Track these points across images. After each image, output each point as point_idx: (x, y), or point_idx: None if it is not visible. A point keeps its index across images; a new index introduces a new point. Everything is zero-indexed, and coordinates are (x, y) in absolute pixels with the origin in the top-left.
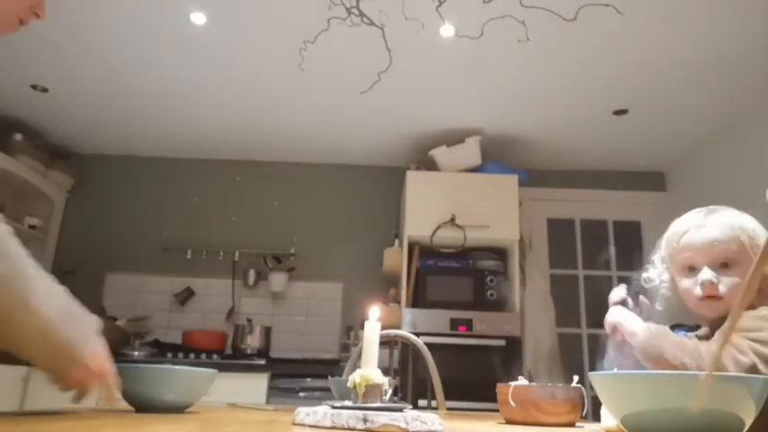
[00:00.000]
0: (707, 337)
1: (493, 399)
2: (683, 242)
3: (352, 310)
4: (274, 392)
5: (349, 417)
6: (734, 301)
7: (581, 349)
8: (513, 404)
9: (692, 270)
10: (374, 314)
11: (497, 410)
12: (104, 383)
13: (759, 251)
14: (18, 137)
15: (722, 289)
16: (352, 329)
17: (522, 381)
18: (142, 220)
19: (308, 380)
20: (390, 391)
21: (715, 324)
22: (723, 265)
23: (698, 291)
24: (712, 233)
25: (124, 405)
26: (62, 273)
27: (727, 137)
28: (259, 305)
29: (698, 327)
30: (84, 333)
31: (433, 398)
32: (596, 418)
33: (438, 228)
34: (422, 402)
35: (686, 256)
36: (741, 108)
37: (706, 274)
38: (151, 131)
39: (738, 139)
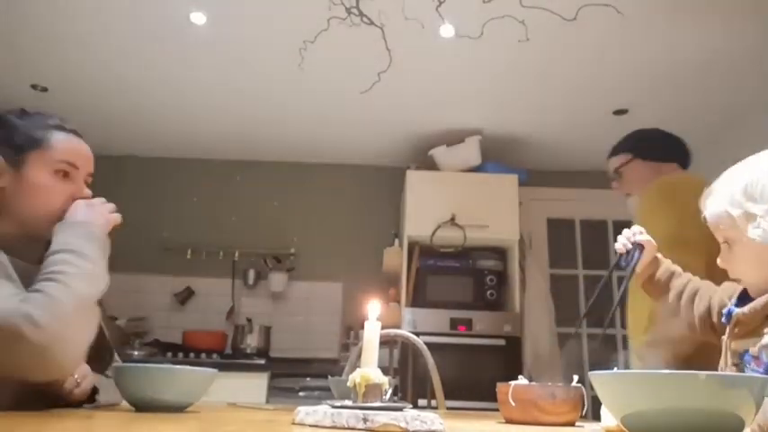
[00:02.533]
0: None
1: (493, 398)
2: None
3: (352, 310)
4: (274, 392)
5: (349, 416)
6: (748, 278)
7: (581, 349)
8: (513, 404)
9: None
10: (374, 310)
11: (497, 410)
12: None
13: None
14: None
15: (733, 273)
16: (352, 329)
17: (522, 381)
18: (142, 220)
19: (308, 380)
20: (390, 391)
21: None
22: (726, 243)
23: None
24: (707, 209)
25: (124, 405)
26: None
27: (727, 137)
28: (259, 305)
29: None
30: None
31: (433, 398)
32: (596, 418)
33: (438, 228)
34: (422, 402)
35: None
36: (741, 108)
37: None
38: (151, 131)
39: (738, 139)
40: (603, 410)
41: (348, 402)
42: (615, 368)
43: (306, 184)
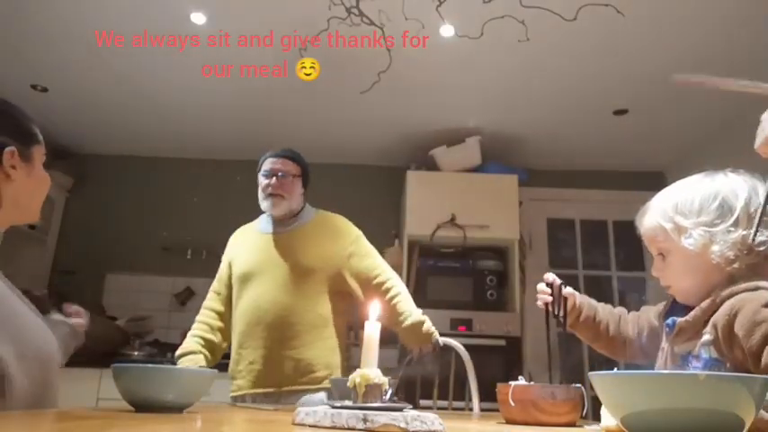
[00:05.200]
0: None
1: (493, 399)
2: None
3: (352, 310)
4: None
5: (349, 417)
6: (680, 285)
7: (581, 349)
8: (513, 404)
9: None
10: (374, 310)
11: (497, 410)
12: None
13: (681, 232)
14: None
15: (665, 281)
16: (351, 329)
17: (521, 381)
18: (142, 220)
19: None
20: (391, 392)
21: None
22: (660, 255)
23: None
24: (643, 224)
25: (124, 405)
26: (62, 273)
27: (727, 136)
28: None
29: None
30: None
31: (455, 399)
32: (596, 418)
33: (438, 228)
34: (424, 402)
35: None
36: (741, 107)
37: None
38: (151, 131)
39: (738, 139)
40: (603, 410)
41: (348, 403)
42: (615, 368)
43: None
